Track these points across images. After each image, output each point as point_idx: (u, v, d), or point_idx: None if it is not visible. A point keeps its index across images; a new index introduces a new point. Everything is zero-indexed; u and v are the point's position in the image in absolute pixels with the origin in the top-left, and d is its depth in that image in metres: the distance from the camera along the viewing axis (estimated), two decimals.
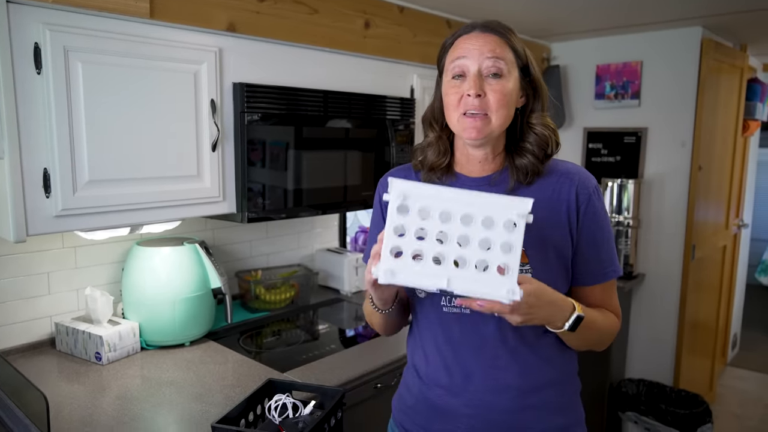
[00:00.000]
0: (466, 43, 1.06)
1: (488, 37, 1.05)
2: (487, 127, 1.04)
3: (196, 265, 1.80)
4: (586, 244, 1.09)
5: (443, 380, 1.11)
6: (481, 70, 1.03)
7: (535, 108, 1.11)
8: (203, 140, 1.64)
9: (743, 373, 3.91)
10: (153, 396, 1.45)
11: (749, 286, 4.54)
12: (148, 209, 1.54)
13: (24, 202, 1.31)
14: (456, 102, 1.05)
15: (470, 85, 1.03)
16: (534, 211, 1.00)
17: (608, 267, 1.11)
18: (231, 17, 1.67)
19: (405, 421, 1.19)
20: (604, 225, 1.10)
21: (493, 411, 1.08)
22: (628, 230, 2.87)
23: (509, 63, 1.04)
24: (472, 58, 1.04)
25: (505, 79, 1.03)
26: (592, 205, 1.08)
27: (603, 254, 1.10)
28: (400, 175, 1.20)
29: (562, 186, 1.08)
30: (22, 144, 1.30)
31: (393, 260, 0.87)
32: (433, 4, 2.34)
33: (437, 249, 0.87)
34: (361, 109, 2.02)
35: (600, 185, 2.99)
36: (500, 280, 0.86)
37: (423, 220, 0.87)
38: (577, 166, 1.13)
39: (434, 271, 0.87)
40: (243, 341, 1.88)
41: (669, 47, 2.86)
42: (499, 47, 1.04)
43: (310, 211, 1.92)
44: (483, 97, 1.03)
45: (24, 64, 1.28)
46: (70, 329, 1.68)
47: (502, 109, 1.03)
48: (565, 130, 3.27)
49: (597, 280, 1.11)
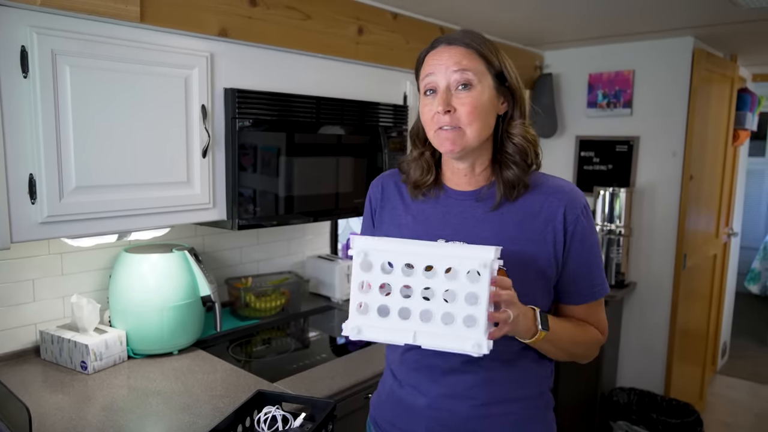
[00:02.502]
0: (433, 59, 1.05)
1: (453, 50, 1.04)
2: (461, 139, 1.03)
3: (185, 272, 1.77)
4: (576, 265, 1.07)
5: (413, 380, 1.13)
6: (449, 84, 1.03)
7: (514, 116, 1.09)
8: (193, 146, 1.61)
9: (733, 382, 3.92)
10: (139, 407, 1.42)
11: (738, 294, 4.56)
12: (136, 216, 1.51)
13: (8, 208, 1.28)
14: (429, 119, 1.05)
15: (438, 101, 1.03)
16: (518, 228, 1.01)
17: (596, 287, 1.10)
18: (223, 22, 1.65)
19: (377, 416, 1.22)
20: (593, 245, 1.09)
21: (454, 416, 1.09)
22: (620, 239, 2.87)
23: (479, 73, 1.03)
24: (439, 73, 1.03)
25: (475, 90, 1.02)
26: (581, 225, 1.06)
27: (593, 273, 1.09)
28: (389, 179, 1.21)
29: (550, 204, 1.06)
30: (7, 149, 1.27)
31: (359, 317, 0.88)
32: (426, 11, 2.33)
33: (402, 304, 0.87)
34: (353, 115, 2.01)
35: (592, 193, 3.03)
36: (467, 333, 0.85)
37: (387, 275, 0.87)
38: (568, 182, 1.11)
39: (400, 326, 0.87)
40: (232, 350, 1.86)
41: (661, 57, 2.87)
42: (466, 58, 1.03)
43: (301, 218, 1.90)
44: (453, 113, 1.02)
45: (10, 67, 1.26)
46: (56, 337, 1.64)
47: (475, 121, 1.02)
48: (557, 138, 3.27)
49: (585, 299, 1.10)
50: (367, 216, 1.24)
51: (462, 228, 1.08)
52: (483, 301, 0.83)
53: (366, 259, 0.87)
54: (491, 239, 1.04)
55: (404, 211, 1.15)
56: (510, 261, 1.00)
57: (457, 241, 1.02)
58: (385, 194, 1.20)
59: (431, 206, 1.12)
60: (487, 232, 1.06)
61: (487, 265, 0.82)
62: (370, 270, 0.87)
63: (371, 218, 1.23)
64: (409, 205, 1.15)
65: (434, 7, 2.26)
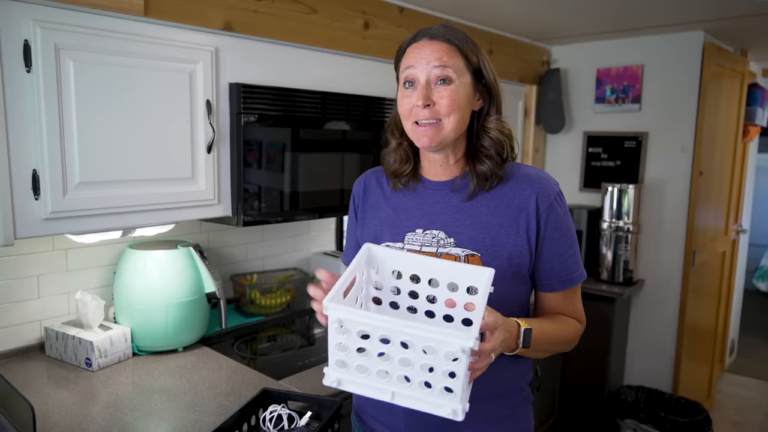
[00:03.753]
0: (414, 52, 1.06)
1: (435, 45, 1.05)
2: (439, 133, 1.05)
3: (190, 268, 1.76)
4: (550, 252, 1.09)
5: None
6: (429, 78, 1.04)
7: (490, 111, 1.11)
8: (198, 141, 1.60)
9: (741, 380, 3.89)
10: (144, 404, 1.41)
11: (747, 291, 4.53)
12: (140, 212, 1.50)
13: (12, 204, 1.27)
14: (407, 111, 1.07)
15: (418, 95, 1.04)
16: (491, 216, 1.06)
17: (574, 272, 1.12)
18: (228, 16, 1.64)
19: (359, 409, 1.24)
20: (566, 231, 1.10)
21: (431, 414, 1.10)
22: (628, 236, 2.84)
23: (458, 69, 1.05)
24: (419, 67, 1.05)
25: (454, 85, 1.04)
26: (554, 212, 1.08)
27: (567, 260, 1.10)
28: (371, 176, 1.26)
29: (522, 192, 1.08)
30: (11, 144, 1.26)
31: (339, 370, 0.89)
32: (433, 5, 2.31)
33: (380, 366, 0.87)
34: (359, 110, 1.99)
35: (600, 190, 3.00)
36: (444, 401, 0.85)
37: (364, 340, 0.87)
38: (539, 170, 1.13)
39: (379, 384, 0.88)
40: (237, 347, 1.85)
41: (670, 51, 2.84)
42: (447, 54, 1.04)
43: (306, 214, 1.89)
44: (432, 106, 1.04)
45: (13, 62, 1.24)
46: (60, 334, 1.64)
47: (454, 113, 1.04)
48: (565, 134, 3.24)
49: (563, 285, 1.11)
50: (351, 213, 1.28)
51: (438, 217, 1.11)
52: (460, 378, 0.84)
53: (342, 326, 0.87)
54: (466, 227, 1.08)
55: (385, 203, 1.20)
56: (483, 249, 1.06)
57: (434, 230, 1.09)
58: (367, 190, 1.24)
59: (410, 198, 1.16)
60: (462, 221, 1.09)
61: (466, 351, 0.81)
62: (347, 334, 0.87)
63: (354, 215, 1.27)
64: (389, 198, 1.19)
65: (441, 1, 2.24)
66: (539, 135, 3.26)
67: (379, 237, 1.17)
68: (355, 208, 1.27)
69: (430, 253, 1.08)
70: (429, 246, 1.10)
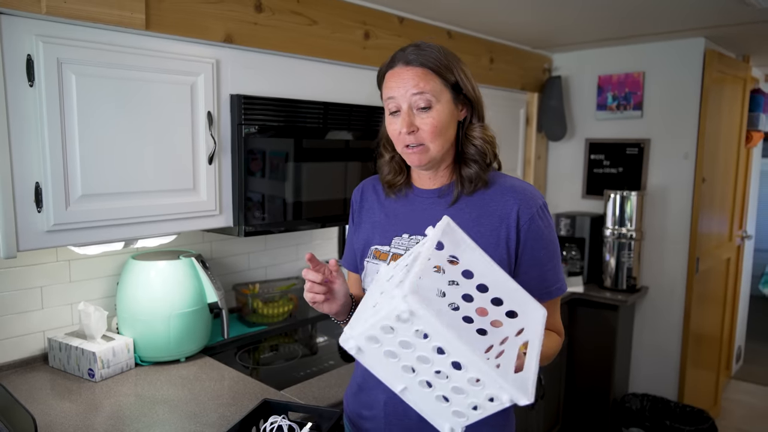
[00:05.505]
0: (392, 81, 1.10)
1: (410, 71, 1.08)
2: (426, 155, 1.10)
3: (192, 279, 1.76)
4: (528, 263, 1.10)
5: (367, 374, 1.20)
6: (410, 105, 1.08)
7: (473, 120, 1.15)
8: (199, 153, 1.61)
9: (748, 387, 3.86)
10: (146, 415, 1.41)
11: (753, 297, 4.50)
12: (142, 223, 1.51)
13: (15, 216, 1.28)
14: (396, 136, 1.12)
15: (401, 122, 1.09)
16: (473, 224, 1.09)
17: (552, 285, 1.12)
18: (228, 28, 1.65)
19: (347, 407, 1.30)
20: (547, 244, 1.11)
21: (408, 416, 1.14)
22: (631, 243, 2.83)
23: (436, 92, 1.08)
24: (399, 96, 1.09)
25: (434, 110, 1.08)
26: (535, 224, 1.09)
27: (546, 273, 1.11)
28: (369, 184, 1.31)
29: (505, 203, 1.10)
30: (14, 157, 1.27)
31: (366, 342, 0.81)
32: (433, 15, 2.32)
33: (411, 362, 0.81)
34: (361, 120, 2.00)
35: (602, 197, 3.00)
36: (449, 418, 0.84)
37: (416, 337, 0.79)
38: (524, 182, 1.16)
39: (397, 373, 0.83)
40: (240, 356, 1.85)
41: (671, 58, 2.84)
42: (423, 80, 1.07)
43: (308, 224, 1.89)
44: (417, 132, 1.08)
45: (16, 76, 1.26)
46: (63, 345, 1.64)
47: (438, 138, 1.09)
48: (567, 141, 3.24)
49: (541, 298, 1.09)
50: (350, 219, 1.35)
51: (424, 224, 1.14)
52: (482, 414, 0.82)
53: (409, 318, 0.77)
54: None
55: (379, 209, 1.25)
56: None
57: (419, 236, 1.13)
58: (364, 197, 1.30)
59: (401, 204, 1.22)
60: None
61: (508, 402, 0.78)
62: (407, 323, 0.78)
63: (352, 220, 1.33)
64: (383, 204, 1.25)
65: (441, 10, 2.25)
66: (541, 142, 3.27)
67: (370, 240, 1.23)
68: (353, 214, 1.33)
69: None
70: None
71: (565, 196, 3.26)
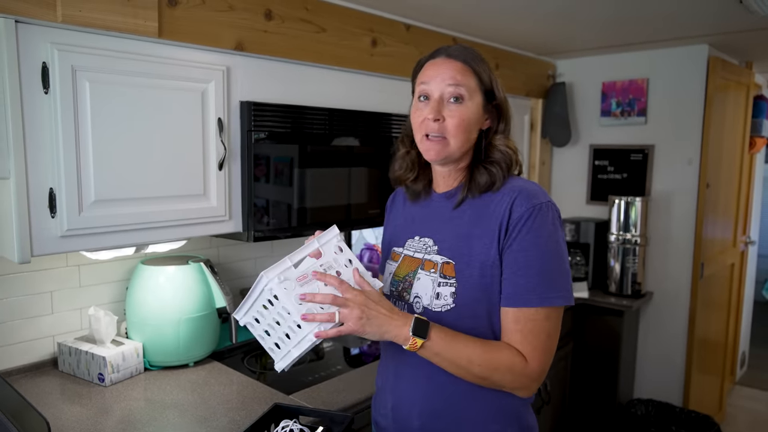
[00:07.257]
0: (431, 69, 1.12)
1: (452, 64, 1.10)
2: (445, 149, 1.10)
3: (201, 284, 1.78)
4: (507, 263, 1.05)
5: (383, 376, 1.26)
6: (443, 95, 1.09)
7: (499, 130, 1.15)
8: (210, 159, 1.63)
9: (753, 393, 3.85)
10: (156, 419, 1.42)
11: (756, 303, 4.49)
12: (154, 229, 1.53)
13: (29, 222, 1.29)
14: (419, 123, 1.12)
15: (430, 109, 1.09)
16: (471, 225, 1.11)
17: (525, 294, 1.02)
18: (239, 36, 1.67)
19: (372, 408, 1.33)
20: (529, 247, 1.03)
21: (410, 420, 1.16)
22: (636, 248, 2.84)
23: (471, 89, 1.09)
24: (434, 84, 1.10)
25: (464, 105, 1.08)
26: (527, 224, 1.03)
27: (519, 278, 1.03)
28: (400, 191, 1.32)
29: (501, 202, 1.08)
30: (29, 164, 1.29)
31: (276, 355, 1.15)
32: (439, 23, 2.34)
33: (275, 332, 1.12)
34: (367, 126, 2.01)
35: (606, 202, 3.01)
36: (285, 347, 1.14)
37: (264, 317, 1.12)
38: (533, 184, 1.11)
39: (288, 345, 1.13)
40: (247, 361, 1.86)
41: (675, 65, 2.86)
42: (461, 74, 1.09)
43: (315, 229, 1.89)
44: (442, 122, 1.08)
45: (32, 83, 1.28)
46: (73, 349, 1.65)
47: (461, 133, 1.09)
48: (571, 147, 3.26)
49: (509, 302, 1.04)
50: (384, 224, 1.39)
51: (431, 225, 1.18)
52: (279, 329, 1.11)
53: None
54: (450, 236, 1.13)
55: (402, 213, 1.29)
56: (459, 258, 1.09)
57: (426, 238, 1.17)
58: (394, 202, 1.35)
59: (419, 208, 1.24)
60: (448, 230, 1.14)
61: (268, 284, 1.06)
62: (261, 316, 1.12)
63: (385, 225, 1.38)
64: (407, 209, 1.28)
65: (447, 18, 2.27)
66: (545, 148, 3.28)
67: (392, 241, 1.27)
68: (385, 219, 1.38)
69: (419, 259, 1.16)
70: (419, 252, 1.17)
71: (570, 201, 3.27)
